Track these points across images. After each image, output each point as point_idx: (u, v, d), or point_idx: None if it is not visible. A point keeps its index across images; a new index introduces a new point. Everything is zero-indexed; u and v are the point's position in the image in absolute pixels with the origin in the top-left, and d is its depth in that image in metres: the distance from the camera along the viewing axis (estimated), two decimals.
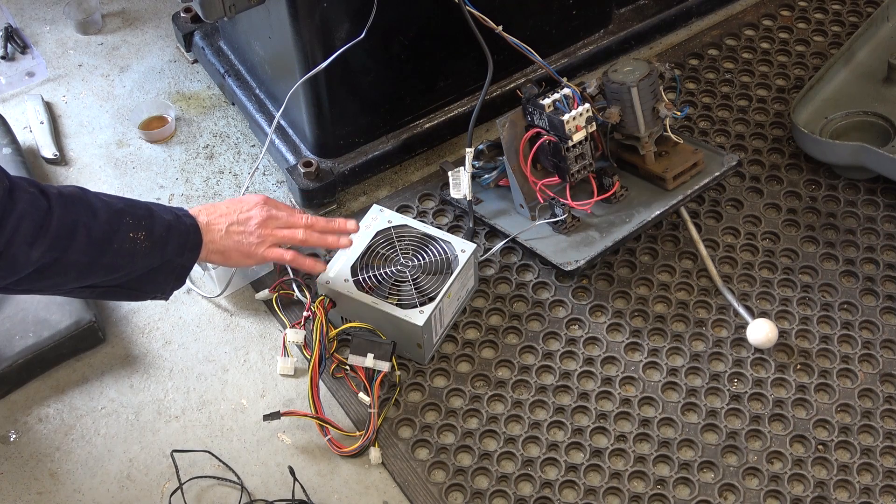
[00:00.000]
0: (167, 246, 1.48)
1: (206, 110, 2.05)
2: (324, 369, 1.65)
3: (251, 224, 1.58)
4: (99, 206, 1.43)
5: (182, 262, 1.51)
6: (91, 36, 2.18)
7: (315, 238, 1.63)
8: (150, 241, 1.45)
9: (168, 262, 1.49)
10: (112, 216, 1.43)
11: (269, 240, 1.59)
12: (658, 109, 1.72)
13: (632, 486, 1.58)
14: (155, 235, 1.46)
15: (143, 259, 1.46)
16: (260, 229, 1.58)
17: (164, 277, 1.51)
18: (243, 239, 1.57)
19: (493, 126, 1.92)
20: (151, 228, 1.46)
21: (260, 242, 1.58)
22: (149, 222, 1.46)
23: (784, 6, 2.15)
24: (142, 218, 1.45)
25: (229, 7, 1.63)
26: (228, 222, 1.56)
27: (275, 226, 1.59)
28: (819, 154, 1.86)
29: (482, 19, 1.76)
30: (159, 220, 1.47)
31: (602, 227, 1.76)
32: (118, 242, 1.42)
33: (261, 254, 1.59)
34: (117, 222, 1.43)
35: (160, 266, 1.49)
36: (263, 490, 1.59)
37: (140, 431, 1.66)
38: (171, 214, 1.50)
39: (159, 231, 1.47)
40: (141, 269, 1.47)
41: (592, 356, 1.70)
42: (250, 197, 1.61)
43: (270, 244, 1.59)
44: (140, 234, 1.44)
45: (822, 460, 1.60)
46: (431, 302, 1.65)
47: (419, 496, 1.58)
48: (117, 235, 1.42)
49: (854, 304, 1.75)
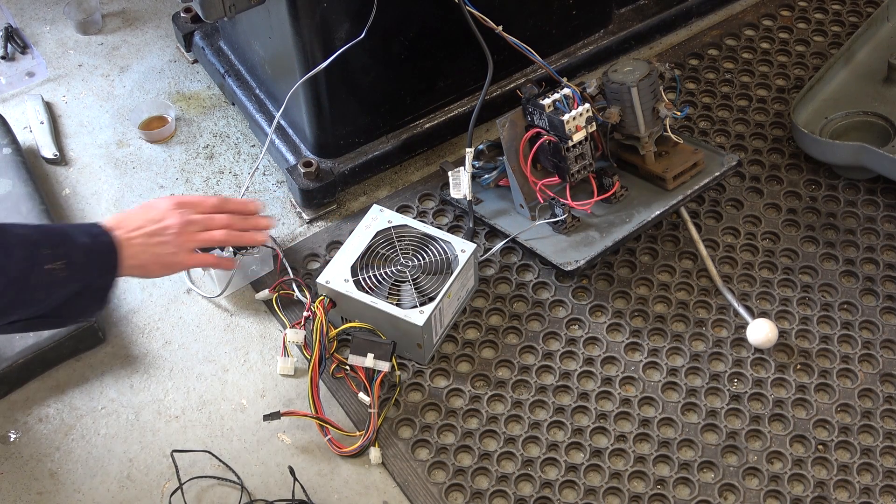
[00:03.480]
0: (87, 271, 1.44)
1: (206, 110, 2.05)
2: (324, 369, 1.65)
3: (168, 233, 1.53)
4: (13, 242, 1.38)
5: (102, 283, 1.47)
6: (91, 36, 2.18)
7: (235, 238, 1.61)
8: (69, 269, 1.41)
9: (88, 287, 1.45)
10: (27, 251, 1.38)
11: (189, 246, 1.56)
12: (658, 109, 1.72)
13: (632, 486, 1.58)
14: (73, 263, 1.42)
15: (62, 288, 1.42)
16: (178, 237, 1.54)
17: (86, 301, 1.46)
18: (162, 250, 1.53)
19: (493, 126, 1.92)
20: (69, 255, 1.41)
21: (179, 251, 1.54)
22: (66, 249, 1.41)
23: (784, 6, 2.15)
24: (58, 245, 1.41)
25: (229, 7, 1.63)
26: (145, 234, 1.51)
27: (193, 230, 1.56)
28: (819, 154, 1.86)
29: (482, 19, 1.76)
30: (76, 246, 1.43)
31: (602, 227, 1.76)
32: (35, 277, 1.38)
33: (181, 262, 1.56)
34: (33, 256, 1.38)
35: (81, 291, 1.44)
36: (263, 490, 1.59)
37: (140, 431, 1.66)
38: (87, 236, 1.46)
39: (77, 257, 1.42)
40: (61, 297, 1.42)
41: (592, 356, 1.70)
42: (161, 202, 1.56)
43: (190, 250, 1.56)
44: (58, 264, 1.40)
45: (822, 460, 1.60)
46: (431, 302, 1.65)
47: (419, 496, 1.58)
48: (34, 270, 1.38)
49: (854, 304, 1.75)
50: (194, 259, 1.58)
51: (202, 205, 1.60)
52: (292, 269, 1.78)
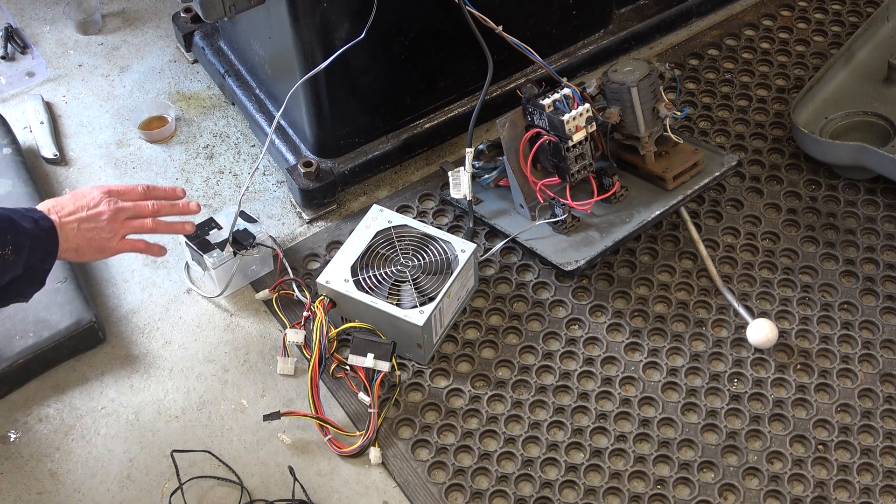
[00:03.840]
0: (31, 255, 1.47)
1: (206, 110, 2.05)
2: (324, 369, 1.65)
3: (102, 220, 1.57)
4: None
5: (43, 266, 1.51)
6: (91, 36, 2.18)
7: (164, 226, 1.64)
8: (16, 254, 1.44)
9: (30, 269, 1.49)
10: None
11: (121, 232, 1.59)
12: (658, 109, 1.72)
13: (632, 486, 1.58)
14: (20, 247, 1.45)
15: (8, 272, 1.45)
16: (111, 224, 1.57)
17: (26, 284, 1.50)
18: (95, 235, 1.56)
19: (493, 126, 1.92)
20: (16, 241, 1.44)
21: (112, 237, 1.58)
22: (13, 235, 1.44)
23: (784, 6, 2.15)
24: (5, 231, 1.43)
25: (229, 7, 1.63)
26: (79, 219, 1.55)
27: (124, 217, 1.59)
28: (819, 154, 1.86)
29: (482, 19, 1.76)
30: (21, 231, 1.46)
31: (602, 227, 1.76)
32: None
33: (114, 247, 1.59)
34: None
35: (23, 273, 1.48)
36: (263, 490, 1.59)
37: (140, 431, 1.66)
38: (29, 221, 1.49)
39: (23, 241, 1.46)
40: (5, 280, 1.46)
41: (592, 356, 1.70)
42: (91, 189, 1.59)
43: (122, 236, 1.60)
44: (7, 249, 1.43)
45: (822, 460, 1.60)
46: (431, 302, 1.65)
47: (419, 496, 1.58)
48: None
49: (854, 304, 1.75)
50: (125, 245, 1.62)
51: (130, 193, 1.62)
52: (292, 269, 1.78)
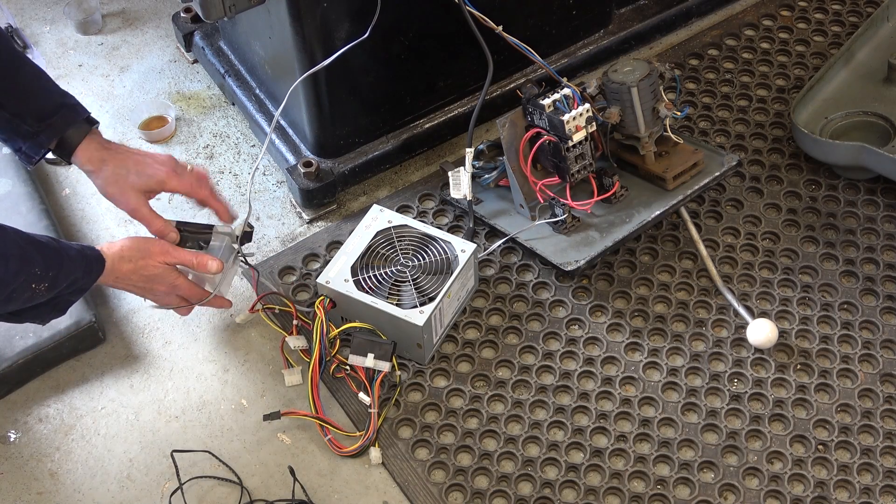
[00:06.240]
0: (63, 291, 1.49)
1: (206, 110, 2.05)
2: (324, 369, 1.65)
3: (151, 292, 1.61)
4: (12, 252, 1.41)
5: (69, 298, 1.52)
6: (91, 36, 2.18)
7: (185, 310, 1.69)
8: (50, 291, 1.46)
9: (56, 298, 1.50)
10: (22, 265, 1.41)
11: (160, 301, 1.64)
12: (658, 109, 1.73)
13: (632, 486, 1.58)
14: (57, 287, 1.47)
15: (34, 301, 1.47)
16: (156, 297, 1.62)
17: (47, 309, 1.52)
18: (139, 293, 1.62)
19: (493, 126, 1.92)
20: (56, 280, 1.46)
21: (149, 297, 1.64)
22: (55, 272, 1.45)
23: (784, 6, 2.15)
24: (51, 268, 1.44)
25: (229, 7, 1.63)
26: (131, 283, 1.58)
27: (170, 298, 1.63)
28: (819, 154, 1.86)
29: (482, 19, 1.76)
30: (66, 272, 1.47)
31: (602, 227, 1.76)
32: (18, 292, 1.42)
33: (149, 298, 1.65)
34: (24, 272, 1.41)
35: (46, 301, 1.49)
36: (263, 490, 1.59)
37: (140, 431, 1.66)
38: (81, 268, 1.50)
39: (62, 283, 1.47)
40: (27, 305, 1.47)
41: (592, 356, 1.70)
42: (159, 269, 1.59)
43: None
44: (42, 286, 1.44)
45: (822, 460, 1.60)
46: (431, 302, 1.65)
47: (419, 496, 1.58)
48: (18, 285, 1.41)
49: (854, 304, 1.75)
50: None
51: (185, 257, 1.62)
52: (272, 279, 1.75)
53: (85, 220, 1.90)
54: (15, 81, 1.56)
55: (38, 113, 1.57)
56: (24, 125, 1.56)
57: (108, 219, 1.89)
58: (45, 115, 1.57)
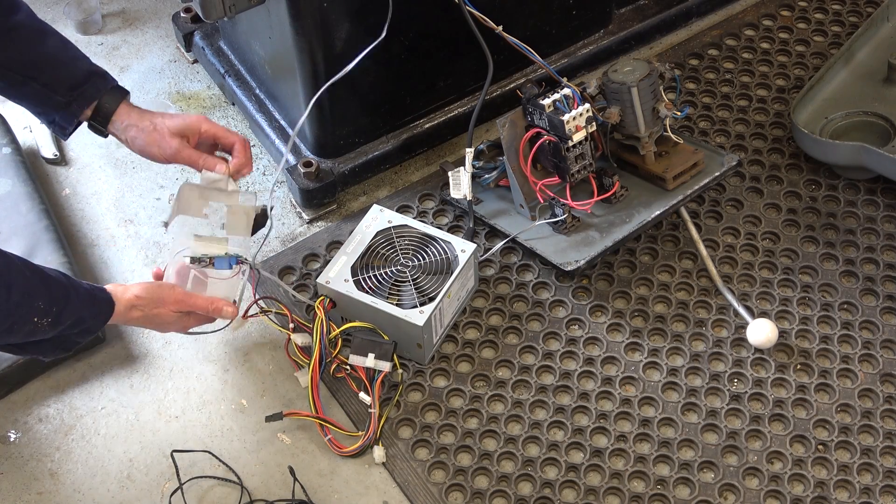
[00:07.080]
0: (68, 330, 1.47)
1: (206, 110, 2.05)
2: (324, 369, 1.65)
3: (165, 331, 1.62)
4: (17, 283, 1.39)
5: (76, 339, 1.50)
6: (91, 36, 2.18)
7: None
8: (52, 327, 1.43)
9: (61, 337, 1.48)
10: (24, 297, 1.39)
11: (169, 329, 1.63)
12: (658, 109, 1.73)
13: (632, 486, 1.58)
14: (61, 324, 1.44)
15: (36, 336, 1.44)
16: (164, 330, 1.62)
17: (51, 346, 1.49)
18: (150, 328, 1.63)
19: (493, 126, 1.92)
20: (59, 316, 1.43)
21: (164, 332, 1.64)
22: (59, 308, 1.42)
23: (784, 6, 2.15)
24: (55, 303, 1.42)
25: (229, 7, 1.63)
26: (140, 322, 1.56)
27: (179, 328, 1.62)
28: (819, 154, 1.86)
29: (482, 19, 1.76)
30: (71, 309, 1.44)
31: (602, 227, 1.76)
32: (19, 325, 1.39)
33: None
34: (27, 305, 1.39)
35: (51, 339, 1.47)
36: (263, 490, 1.59)
37: (140, 431, 1.66)
38: (87, 308, 1.48)
39: (66, 320, 1.44)
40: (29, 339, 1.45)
41: (592, 356, 1.70)
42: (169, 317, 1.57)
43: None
44: (45, 321, 1.41)
45: (822, 460, 1.60)
46: (431, 302, 1.65)
47: (419, 496, 1.58)
48: (20, 317, 1.39)
49: (854, 304, 1.75)
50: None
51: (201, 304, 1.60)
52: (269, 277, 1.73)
53: (85, 220, 1.90)
54: (42, 52, 1.55)
55: (69, 82, 1.56)
56: (56, 95, 1.56)
57: (108, 219, 1.90)
58: (76, 83, 1.56)
